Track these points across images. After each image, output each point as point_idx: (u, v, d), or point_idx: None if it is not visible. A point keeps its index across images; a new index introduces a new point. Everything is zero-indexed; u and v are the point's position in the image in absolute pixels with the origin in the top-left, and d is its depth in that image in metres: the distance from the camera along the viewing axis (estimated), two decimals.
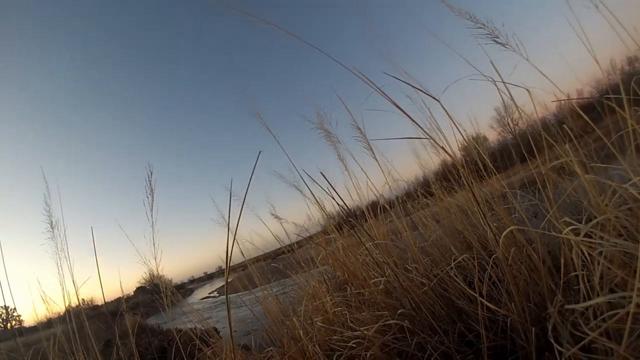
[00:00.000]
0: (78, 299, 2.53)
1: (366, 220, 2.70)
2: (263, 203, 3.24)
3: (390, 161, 2.69)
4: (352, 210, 2.57)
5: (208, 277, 48.86)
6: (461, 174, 1.79)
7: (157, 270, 2.32)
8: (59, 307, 2.63)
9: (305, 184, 2.03)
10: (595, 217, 1.32)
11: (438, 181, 3.16)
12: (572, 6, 1.65)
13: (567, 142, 1.66)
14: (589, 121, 1.61)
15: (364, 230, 2.13)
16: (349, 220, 2.13)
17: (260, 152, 1.06)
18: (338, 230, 2.94)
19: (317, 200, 2.39)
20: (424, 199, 3.28)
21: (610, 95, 1.48)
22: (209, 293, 20.94)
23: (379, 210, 2.67)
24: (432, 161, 3.32)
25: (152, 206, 2.15)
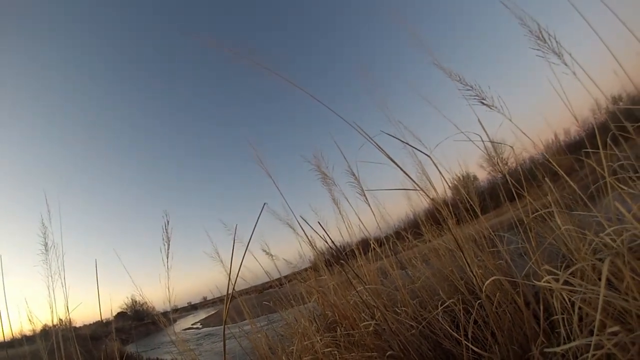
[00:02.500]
0: (64, 321, 2.53)
1: (356, 258, 2.75)
2: (255, 239, 3.26)
3: (382, 203, 2.77)
4: (342, 250, 2.62)
5: (192, 307, 47.69)
6: (447, 221, 1.89)
7: (171, 317, 2.34)
8: (39, 326, 2.62)
9: (301, 227, 2.09)
10: (575, 264, 1.41)
11: (428, 222, 3.22)
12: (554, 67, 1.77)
13: (552, 183, 1.76)
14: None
15: (354, 270, 2.19)
16: (339, 260, 2.18)
17: (265, 204, 1.13)
18: (328, 268, 2.97)
19: (309, 240, 2.44)
20: (413, 240, 3.33)
21: (588, 150, 1.60)
22: (192, 324, 20.38)
23: (370, 249, 2.72)
24: (423, 202, 3.40)
25: (167, 253, 2.17)
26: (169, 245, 2.16)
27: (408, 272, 2.86)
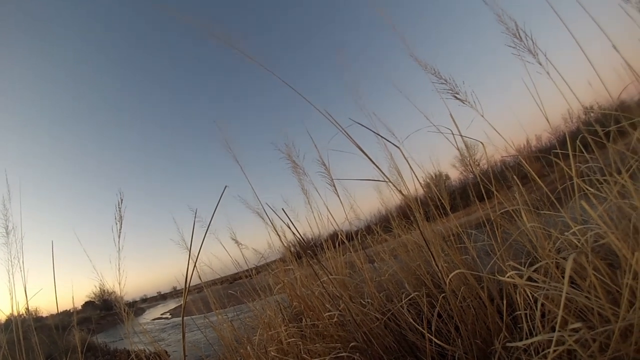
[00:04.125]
0: (28, 310, 2.45)
1: (324, 251, 2.74)
2: (224, 227, 3.21)
3: (352, 196, 2.76)
4: (311, 242, 2.60)
5: (161, 297, 47.18)
6: (416, 217, 1.90)
7: (121, 295, 2.27)
8: (3, 315, 2.52)
9: (268, 216, 2.07)
10: (539, 261, 1.44)
11: (398, 217, 3.24)
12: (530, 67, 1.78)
13: (522, 185, 1.79)
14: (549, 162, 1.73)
15: (321, 263, 2.17)
16: (307, 252, 2.17)
17: (225, 186, 1.10)
18: (296, 260, 2.95)
19: (276, 231, 2.42)
20: (383, 235, 3.34)
21: (558, 151, 1.63)
22: (162, 314, 20.10)
23: (337, 242, 2.71)
24: (394, 197, 3.42)
25: (119, 233, 2.10)
26: (121, 224, 2.09)
27: (376, 266, 2.87)
